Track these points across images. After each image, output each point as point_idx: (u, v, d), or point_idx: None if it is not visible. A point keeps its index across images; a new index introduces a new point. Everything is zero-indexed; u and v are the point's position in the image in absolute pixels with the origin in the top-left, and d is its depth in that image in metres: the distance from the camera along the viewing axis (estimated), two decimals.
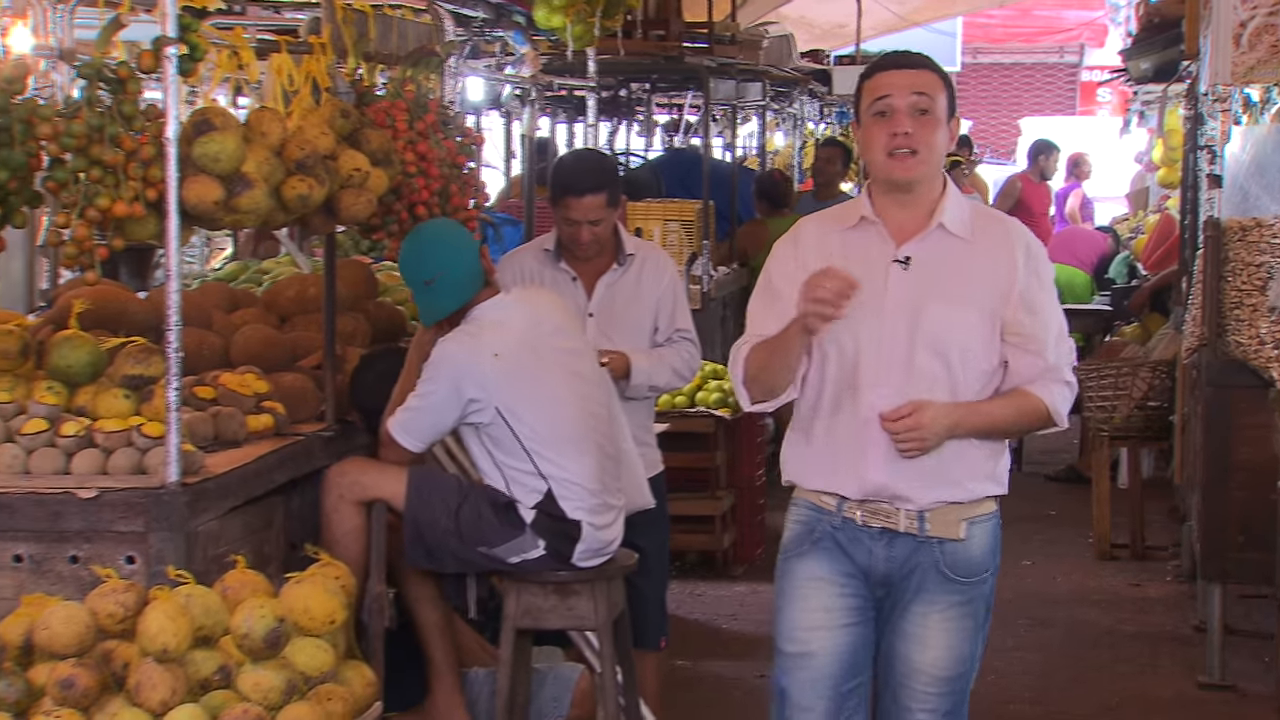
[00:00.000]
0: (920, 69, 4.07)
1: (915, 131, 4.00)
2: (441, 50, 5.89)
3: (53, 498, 4.28)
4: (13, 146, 4.25)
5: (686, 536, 8.37)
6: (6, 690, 3.85)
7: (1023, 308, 4.05)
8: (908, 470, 4.02)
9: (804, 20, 16.67)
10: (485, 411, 4.99)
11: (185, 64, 4.27)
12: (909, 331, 4.01)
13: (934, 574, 4.08)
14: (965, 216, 4.09)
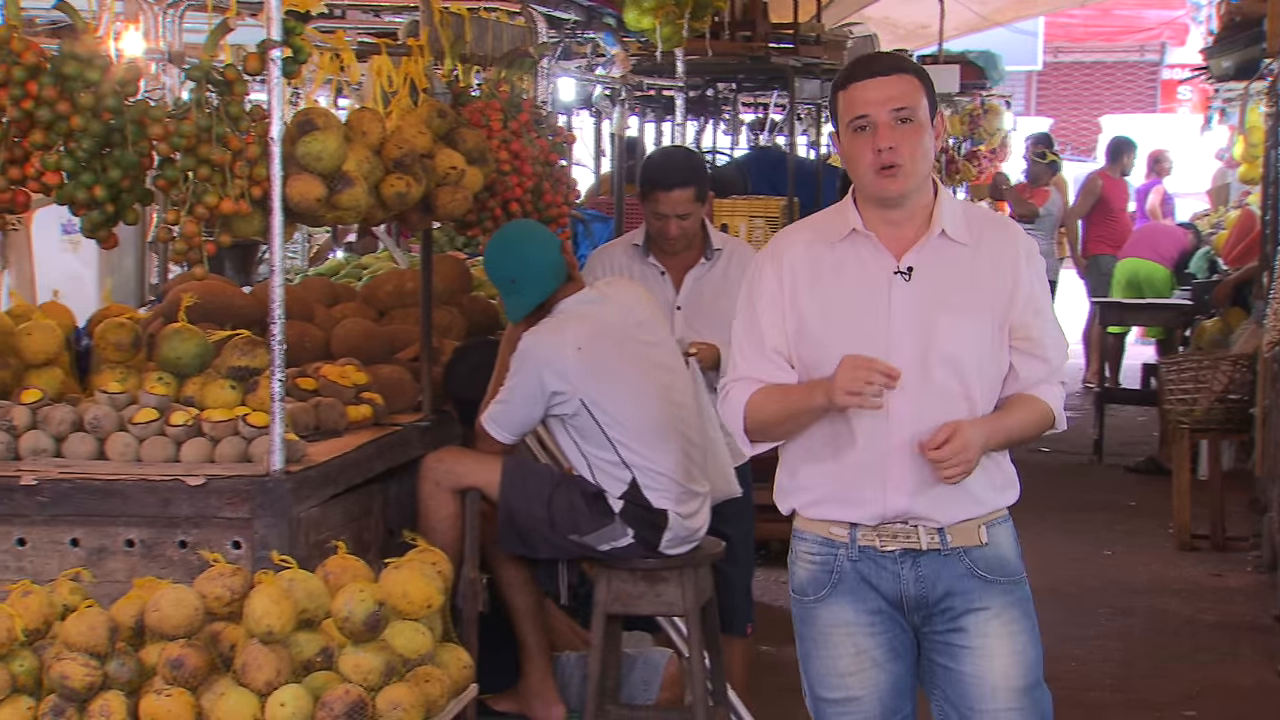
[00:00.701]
0: (895, 74, 3.80)
1: (899, 144, 3.74)
2: (535, 52, 6.00)
3: (163, 485, 4.37)
4: (125, 146, 4.35)
5: (772, 525, 8.33)
6: (119, 670, 3.96)
7: (1030, 310, 3.84)
8: (929, 492, 3.78)
9: (888, 21, 16.65)
10: (570, 403, 5.09)
11: (289, 66, 4.38)
12: (920, 347, 3.76)
13: (972, 580, 3.84)
14: (962, 220, 3.85)
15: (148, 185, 4.46)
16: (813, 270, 3.83)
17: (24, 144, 4.34)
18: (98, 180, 4.33)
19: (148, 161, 4.40)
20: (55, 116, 4.28)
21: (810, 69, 10.45)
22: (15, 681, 3.95)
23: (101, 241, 4.50)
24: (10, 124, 4.30)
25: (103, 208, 4.37)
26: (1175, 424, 9.44)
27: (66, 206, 4.42)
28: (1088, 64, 30.12)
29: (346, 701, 3.95)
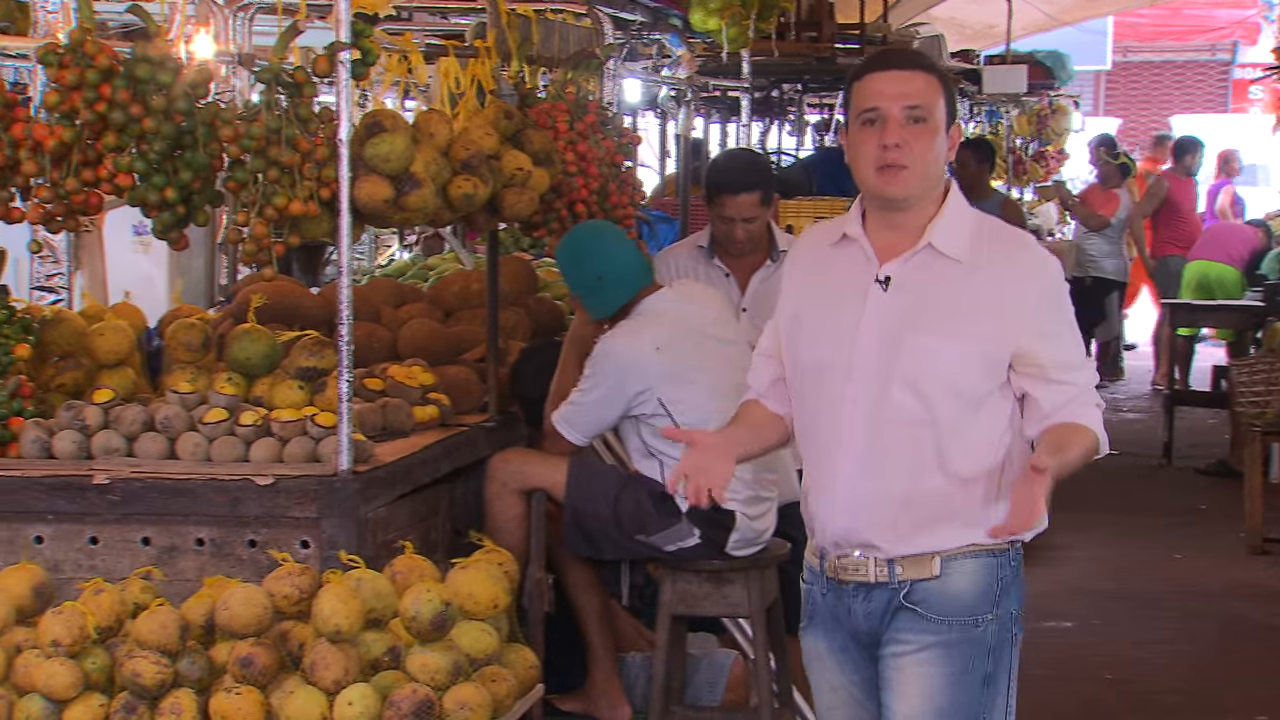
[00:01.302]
0: (915, 70, 3.56)
1: (907, 143, 3.50)
2: (601, 53, 6.01)
3: (232, 484, 4.41)
4: (196, 148, 4.39)
5: None
6: (190, 668, 4.01)
7: (1038, 337, 3.53)
8: (873, 516, 3.54)
9: (954, 21, 16.58)
10: (648, 403, 5.10)
11: (358, 68, 4.40)
12: (882, 363, 3.51)
13: (904, 611, 3.57)
14: (964, 236, 3.57)
15: (218, 187, 4.50)
16: (810, 270, 3.69)
17: (97, 146, 4.38)
18: (169, 182, 4.37)
19: (218, 163, 4.43)
20: (128, 119, 4.32)
21: None
22: (88, 679, 3.99)
23: (172, 243, 4.54)
24: (84, 126, 4.34)
25: (174, 209, 4.41)
26: (1247, 426, 9.37)
27: (138, 208, 4.46)
28: (1157, 64, 29.88)
29: (414, 701, 3.97)
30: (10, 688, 4.02)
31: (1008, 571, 3.62)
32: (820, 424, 3.59)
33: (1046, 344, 3.55)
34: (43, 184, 4.40)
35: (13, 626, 4.11)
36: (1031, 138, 17.13)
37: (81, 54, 4.32)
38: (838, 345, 3.55)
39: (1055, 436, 3.51)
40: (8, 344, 4.71)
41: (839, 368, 3.54)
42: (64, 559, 4.42)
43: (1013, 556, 3.64)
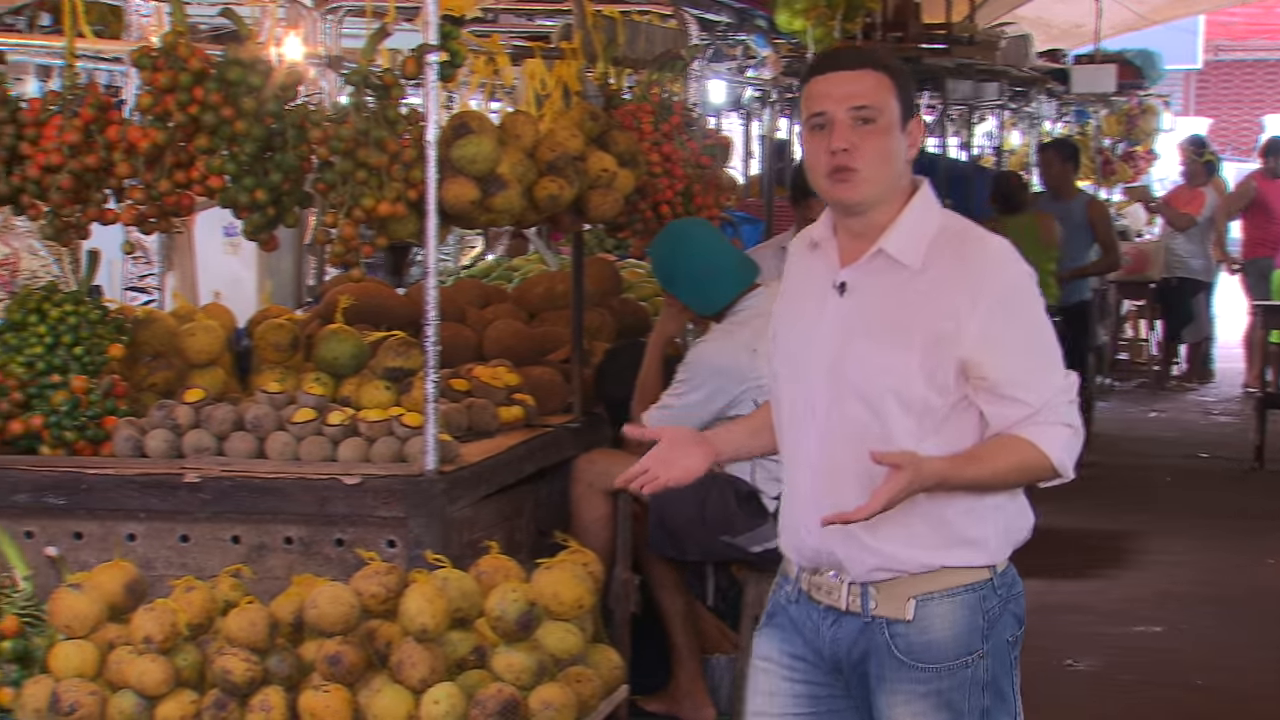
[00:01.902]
0: (861, 68, 3.38)
1: (856, 146, 3.32)
2: (686, 54, 6.02)
3: (320, 483, 4.44)
4: (286, 150, 4.43)
5: None
6: (279, 665, 4.04)
7: (987, 348, 3.29)
8: (836, 533, 3.34)
9: (1041, 20, 16.45)
10: (744, 404, 5.09)
11: (445, 70, 4.42)
12: (835, 372, 3.37)
13: (889, 658, 3.38)
14: (922, 240, 3.37)
15: (307, 188, 4.54)
16: (792, 277, 3.58)
17: (189, 148, 4.43)
18: (259, 184, 4.41)
19: (307, 165, 4.48)
20: (219, 121, 4.37)
21: (963, 70, 10.37)
22: (179, 675, 4.04)
23: (263, 244, 4.59)
24: (176, 129, 4.40)
25: (264, 210, 4.45)
26: None
27: (229, 209, 4.51)
28: (1250, 62, 29.50)
29: (499, 700, 3.98)
30: (104, 684, 4.07)
31: (994, 602, 3.40)
32: (786, 434, 3.49)
33: (995, 356, 3.30)
34: (136, 185, 4.45)
35: (106, 623, 4.16)
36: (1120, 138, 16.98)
37: (175, 57, 4.37)
38: (799, 353, 3.44)
39: (980, 447, 3.32)
40: (101, 344, 4.78)
41: (800, 376, 3.44)
42: (156, 556, 4.47)
43: (998, 584, 3.41)
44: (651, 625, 5.36)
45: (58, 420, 4.58)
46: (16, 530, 4.46)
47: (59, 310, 4.78)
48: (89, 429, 4.60)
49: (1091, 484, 11.15)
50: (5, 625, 4.21)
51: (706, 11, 6.41)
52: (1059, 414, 3.32)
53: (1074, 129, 16.27)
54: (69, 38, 4.58)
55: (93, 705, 4.01)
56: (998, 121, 14.29)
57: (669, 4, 6.06)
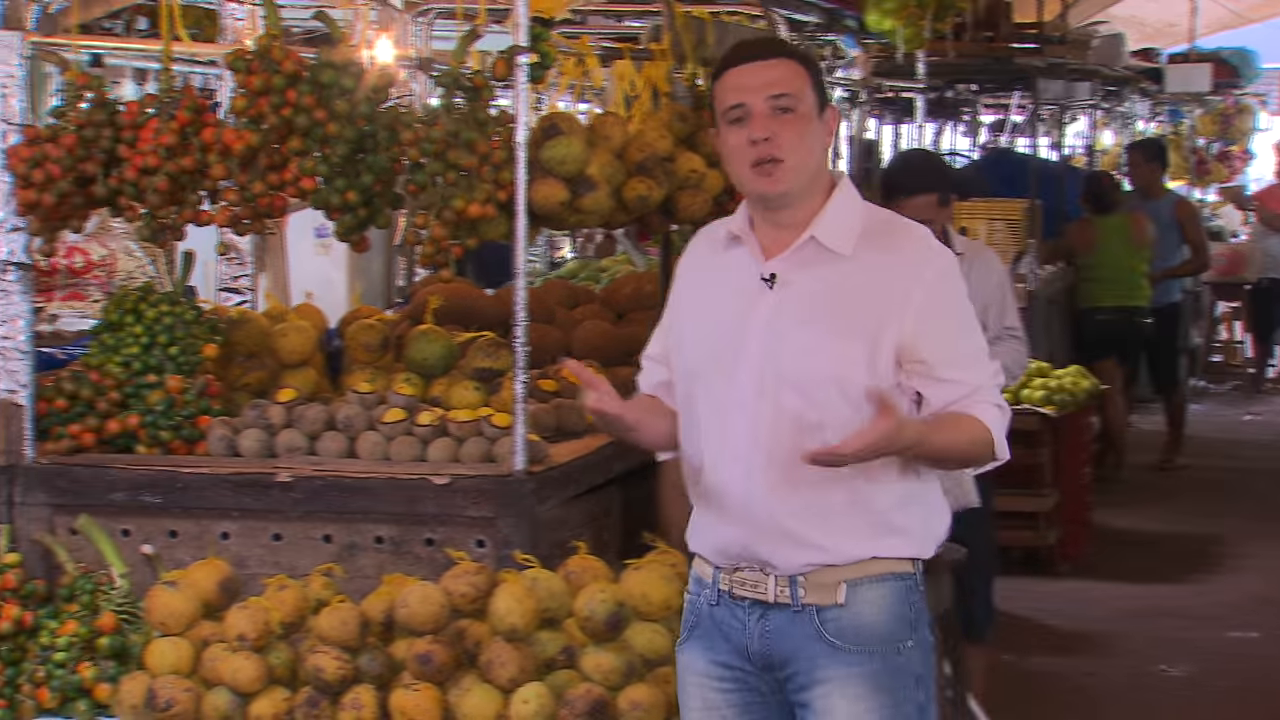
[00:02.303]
0: (776, 57, 3.36)
1: (777, 135, 3.29)
2: None
3: (410, 483, 4.46)
4: (377, 151, 4.46)
5: (1012, 533, 8.35)
6: (370, 664, 4.07)
7: (922, 333, 3.31)
8: (765, 528, 3.33)
9: (1134, 19, 16.29)
10: None
11: (535, 71, 4.44)
12: (767, 363, 3.33)
13: (819, 645, 3.34)
14: (852, 229, 3.36)
15: (397, 190, 4.56)
16: (697, 274, 3.52)
17: (282, 150, 4.47)
18: (351, 185, 4.44)
19: (398, 166, 4.50)
20: (312, 123, 4.40)
21: (1054, 69, 10.29)
22: (272, 673, 4.07)
23: (354, 245, 4.62)
24: (270, 131, 4.43)
25: (355, 212, 4.49)
26: None
27: (321, 210, 4.54)
28: None
29: (589, 700, 3.99)
30: (198, 680, 4.12)
31: (917, 596, 3.41)
32: (707, 431, 3.41)
33: (931, 340, 3.33)
34: (230, 187, 4.50)
35: (200, 621, 4.20)
36: (1215, 138, 16.78)
37: (269, 60, 4.41)
38: (723, 347, 3.38)
39: (940, 417, 3.33)
40: (196, 344, 4.83)
41: (724, 371, 3.37)
42: (249, 555, 4.51)
43: (920, 581, 3.43)
44: None
45: (154, 420, 4.64)
46: (114, 528, 4.52)
47: (155, 311, 4.83)
48: (184, 428, 4.65)
49: (1186, 487, 11.06)
50: (103, 622, 4.27)
51: (795, 12, 6.39)
52: (992, 394, 3.38)
53: (1167, 129, 16.10)
54: (165, 41, 4.63)
55: (188, 702, 4.06)
56: (1089, 121, 14.15)
57: (758, 4, 6.04)
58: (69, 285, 6.79)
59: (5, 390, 4.53)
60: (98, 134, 4.49)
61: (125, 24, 7.44)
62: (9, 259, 4.54)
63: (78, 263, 6.81)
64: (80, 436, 4.60)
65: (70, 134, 4.48)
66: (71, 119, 4.51)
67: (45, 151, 4.47)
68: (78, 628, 4.26)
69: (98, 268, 6.84)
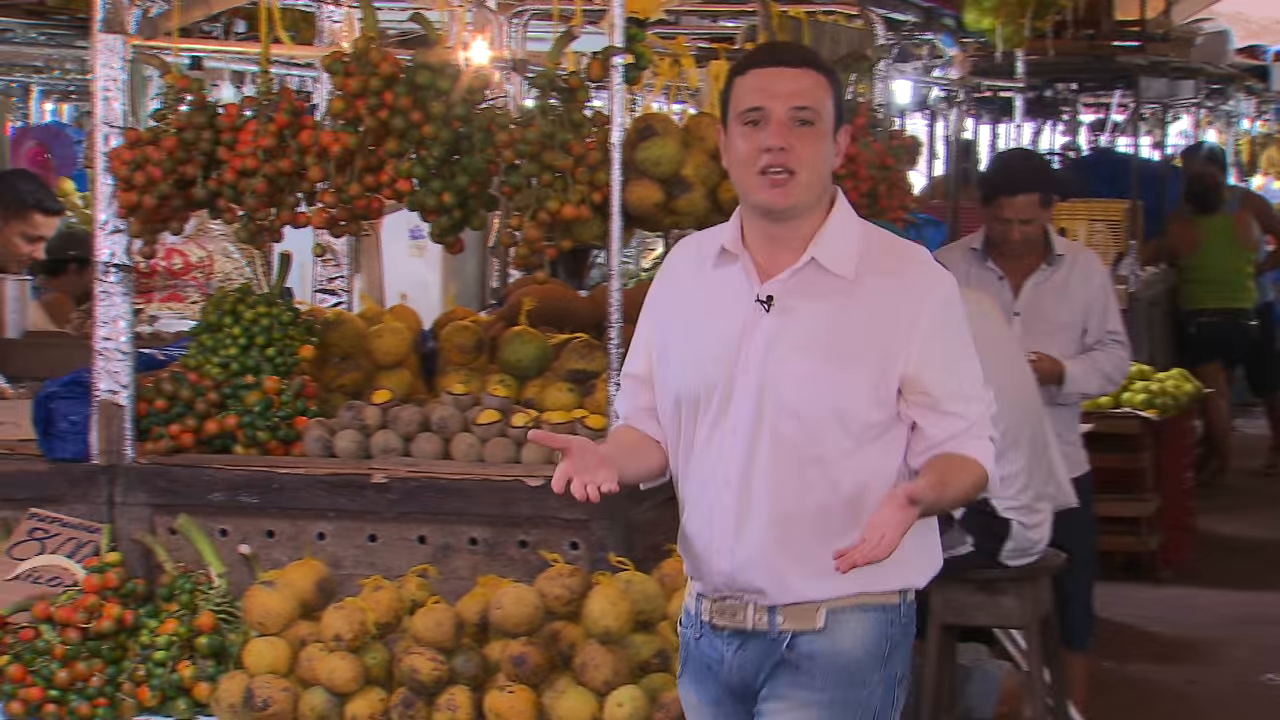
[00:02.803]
0: (803, 67, 3.23)
1: (794, 147, 3.16)
2: (872, 54, 5.96)
3: (505, 485, 4.45)
4: (473, 153, 4.46)
5: (1112, 538, 8.24)
6: (465, 665, 4.08)
7: (928, 364, 3.21)
8: (758, 557, 3.22)
9: (1240, 16, 16.06)
10: None
11: (631, 72, 4.43)
12: (764, 390, 3.20)
13: (783, 667, 3.25)
14: (852, 250, 3.23)
15: (492, 191, 4.56)
16: (682, 289, 3.35)
17: (379, 152, 4.49)
18: (446, 187, 4.45)
19: (493, 168, 4.50)
20: (408, 125, 4.41)
21: (1157, 67, 10.16)
22: (368, 673, 4.09)
23: (449, 246, 4.63)
24: (367, 133, 4.45)
25: (451, 213, 4.49)
26: None
27: (416, 212, 4.55)
28: None
29: None
30: (295, 680, 4.14)
31: (897, 629, 3.29)
32: (698, 457, 3.28)
33: (938, 371, 3.22)
34: (327, 189, 4.51)
35: (297, 620, 4.23)
36: None
37: (366, 62, 4.43)
38: (715, 371, 3.23)
39: (941, 469, 3.18)
40: (292, 345, 4.86)
41: (717, 396, 3.23)
42: (344, 555, 4.53)
43: (904, 612, 3.31)
44: None
45: (251, 420, 4.67)
46: (212, 528, 4.55)
47: (253, 312, 4.86)
48: (281, 429, 4.68)
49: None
50: (201, 621, 4.30)
51: (893, 11, 6.34)
52: (987, 426, 3.28)
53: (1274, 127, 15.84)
54: (264, 44, 4.66)
55: (285, 702, 4.08)
56: (1193, 120, 13.95)
57: (855, 4, 6.00)
58: (168, 287, 6.87)
59: (106, 391, 4.57)
60: (198, 136, 4.52)
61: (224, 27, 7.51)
62: (111, 261, 4.59)
63: (176, 264, 6.88)
64: (179, 437, 4.64)
65: (171, 137, 4.52)
66: (172, 122, 4.55)
67: (146, 154, 4.51)
68: (177, 627, 4.30)
69: (196, 269, 6.91)
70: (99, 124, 4.58)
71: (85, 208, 9.02)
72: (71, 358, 5.17)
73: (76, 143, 10.02)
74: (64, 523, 4.57)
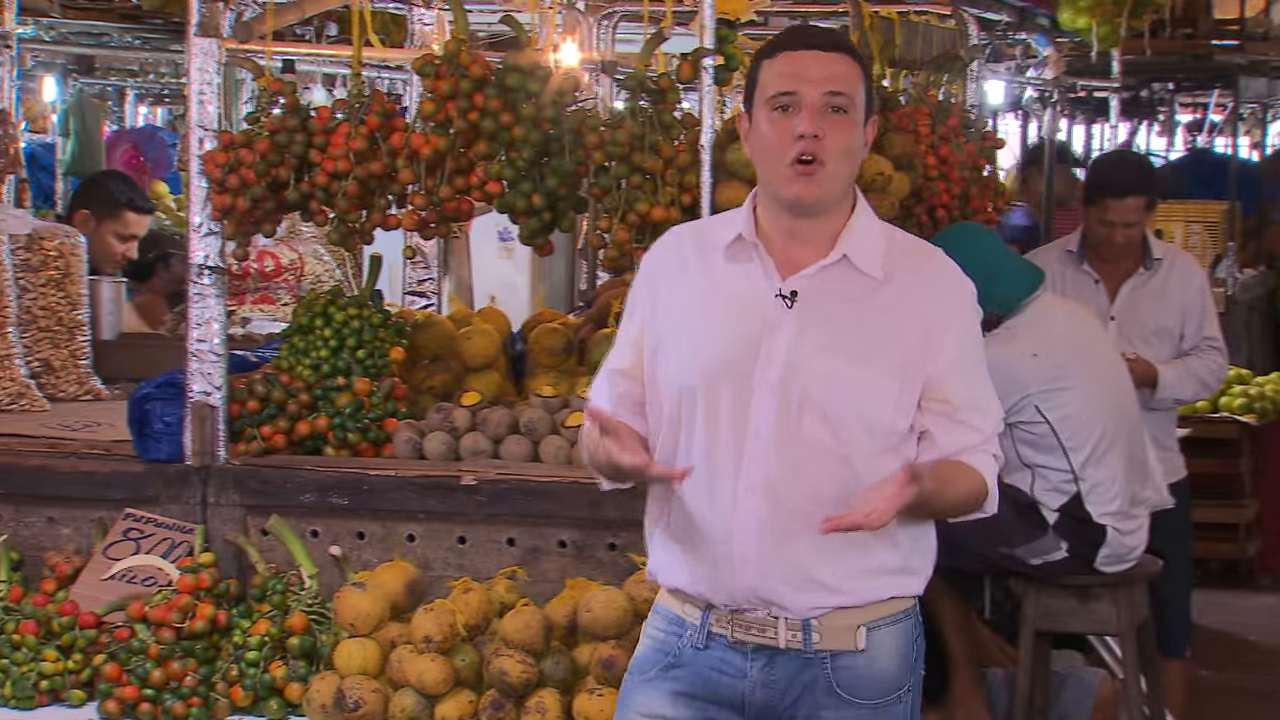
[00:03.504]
0: (837, 51, 3.07)
1: (827, 135, 3.01)
2: (965, 55, 5.90)
3: (593, 487, 4.36)
4: (563, 155, 4.45)
5: (1210, 544, 8.15)
6: (554, 668, 4.06)
7: (953, 371, 3.10)
8: (785, 564, 3.07)
9: None
10: (1025, 410, 4.98)
11: (721, 74, 4.40)
12: (790, 389, 3.05)
13: (826, 695, 3.11)
14: (878, 249, 3.11)
15: (581, 193, 4.56)
16: (683, 280, 3.17)
17: (469, 154, 4.49)
18: (536, 189, 4.45)
19: (583, 170, 4.49)
20: (499, 127, 4.41)
21: (1256, 66, 10.01)
22: (458, 675, 4.09)
23: (538, 249, 4.62)
24: (457, 135, 4.45)
25: (540, 215, 4.49)
26: None
27: (506, 214, 4.55)
28: None
29: None
30: (385, 681, 4.15)
31: (919, 632, 3.22)
32: (708, 457, 3.09)
33: (960, 379, 3.11)
34: (417, 191, 4.52)
35: (387, 622, 4.24)
36: None
37: (456, 64, 4.43)
38: (732, 368, 3.07)
39: (944, 469, 3.07)
40: (383, 347, 4.87)
41: (735, 394, 3.07)
42: (434, 557, 4.54)
43: (918, 611, 3.23)
44: (927, 635, 5.25)
45: (341, 422, 4.69)
46: (303, 529, 4.57)
47: (343, 314, 4.89)
48: (371, 431, 4.69)
49: None
50: (293, 622, 4.32)
51: (986, 11, 6.28)
52: (995, 443, 3.18)
53: None
54: (356, 47, 4.68)
55: (376, 703, 4.09)
56: None
57: (947, 4, 5.95)
58: (259, 289, 6.92)
59: (200, 392, 4.60)
60: (290, 139, 4.54)
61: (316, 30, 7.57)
62: (204, 263, 4.62)
63: (268, 266, 6.93)
64: (271, 438, 4.67)
65: (264, 140, 4.55)
66: (265, 125, 4.58)
67: (240, 157, 4.54)
68: (269, 627, 4.33)
69: (287, 271, 6.96)
70: (193, 127, 4.61)
71: (178, 210, 9.13)
72: (165, 359, 5.22)
73: (170, 145, 10.14)
74: (158, 523, 4.61)
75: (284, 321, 6.09)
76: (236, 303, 6.75)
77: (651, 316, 3.20)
